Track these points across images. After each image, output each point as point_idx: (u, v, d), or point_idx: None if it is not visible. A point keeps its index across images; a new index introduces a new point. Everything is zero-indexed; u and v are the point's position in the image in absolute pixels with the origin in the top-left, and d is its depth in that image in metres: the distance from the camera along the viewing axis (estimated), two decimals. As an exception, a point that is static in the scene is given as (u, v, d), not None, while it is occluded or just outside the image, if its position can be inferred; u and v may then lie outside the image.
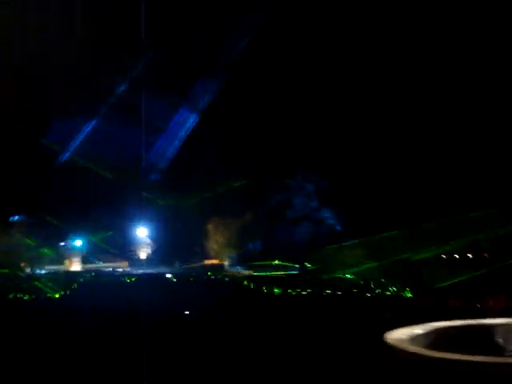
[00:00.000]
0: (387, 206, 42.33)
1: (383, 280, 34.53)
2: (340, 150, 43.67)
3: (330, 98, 42.09)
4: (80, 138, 45.52)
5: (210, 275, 43.08)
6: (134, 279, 41.83)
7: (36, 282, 40.26)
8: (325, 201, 46.27)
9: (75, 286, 40.28)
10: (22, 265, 49.45)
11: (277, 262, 44.32)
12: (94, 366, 15.31)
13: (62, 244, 55.49)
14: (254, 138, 44.30)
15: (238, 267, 47.50)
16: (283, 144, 43.92)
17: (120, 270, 52.13)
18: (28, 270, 49.78)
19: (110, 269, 52.99)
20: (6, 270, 43.60)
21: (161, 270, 48.61)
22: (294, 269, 44.06)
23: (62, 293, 36.95)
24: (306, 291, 31.96)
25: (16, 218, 49.68)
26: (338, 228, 47.20)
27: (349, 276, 37.95)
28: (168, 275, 44.32)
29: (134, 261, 55.86)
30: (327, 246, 44.22)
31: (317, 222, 46.93)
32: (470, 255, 38.76)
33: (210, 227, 51.81)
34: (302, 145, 43.73)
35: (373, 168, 42.73)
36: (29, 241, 49.23)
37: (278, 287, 34.53)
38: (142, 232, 49.59)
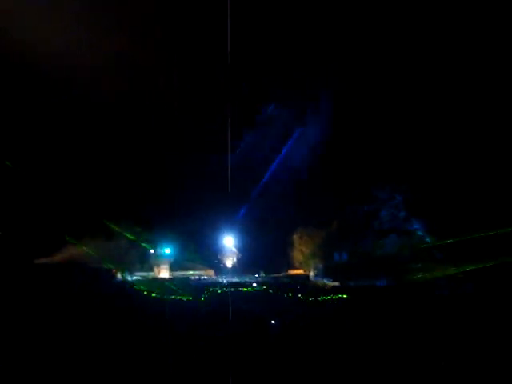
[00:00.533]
0: (480, 217, 40.77)
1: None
2: (429, 160, 42.58)
3: (422, 109, 41.23)
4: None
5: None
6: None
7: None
8: (414, 212, 45.19)
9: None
10: (114, 271, 50.93)
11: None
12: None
13: (152, 251, 57.40)
14: (342, 147, 44.09)
15: (323, 278, 47.14)
16: (371, 153, 43.37)
17: (206, 277, 53.20)
18: (119, 276, 51.43)
19: (197, 277, 54.21)
20: None
21: (246, 279, 49.20)
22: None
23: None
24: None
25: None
26: (428, 240, 45.93)
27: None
28: (254, 284, 44.76)
29: (219, 269, 56.93)
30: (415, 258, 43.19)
31: (405, 234, 45.91)
32: None
33: (295, 237, 51.97)
34: (390, 154, 42.98)
35: (466, 178, 41.28)
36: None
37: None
38: (228, 241, 50.34)
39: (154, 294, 41.91)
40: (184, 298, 40.87)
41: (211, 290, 44.75)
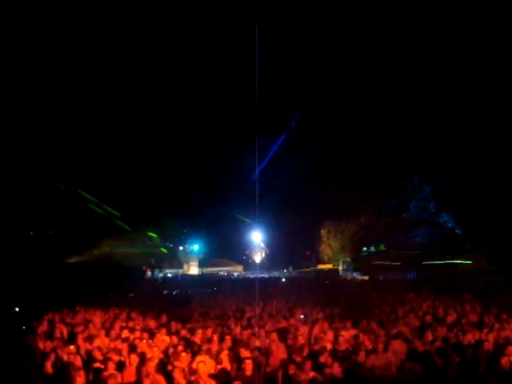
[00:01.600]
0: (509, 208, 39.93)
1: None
2: (459, 152, 41.84)
3: (450, 100, 40.59)
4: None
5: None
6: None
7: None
8: (444, 204, 44.55)
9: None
10: (144, 268, 51.32)
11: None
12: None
13: (181, 248, 57.91)
14: (372, 140, 43.72)
15: (353, 272, 46.77)
16: (401, 146, 42.85)
17: (235, 273, 53.39)
18: (149, 274, 51.88)
19: (225, 273, 54.49)
20: None
21: (275, 274, 49.11)
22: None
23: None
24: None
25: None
26: (458, 232, 45.21)
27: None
28: (283, 279, 44.62)
29: (248, 265, 57.19)
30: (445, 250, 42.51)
31: (435, 226, 45.28)
32: None
33: (323, 232, 51.86)
34: (419, 147, 42.41)
35: (494, 169, 40.45)
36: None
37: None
38: (256, 237, 50.36)
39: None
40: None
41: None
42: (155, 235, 51.21)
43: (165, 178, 49.19)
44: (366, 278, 42.71)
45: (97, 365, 9.03)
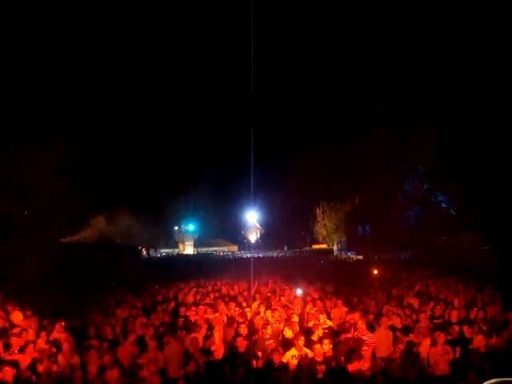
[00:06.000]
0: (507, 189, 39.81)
1: None
2: (453, 132, 41.63)
3: (445, 81, 40.33)
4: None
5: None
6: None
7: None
8: (438, 184, 44.43)
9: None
10: (139, 248, 51.27)
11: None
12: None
13: (176, 228, 58.01)
14: (366, 120, 43.50)
15: (347, 252, 46.92)
16: (394, 126, 42.63)
17: (229, 253, 53.48)
18: (144, 253, 51.88)
19: (221, 253, 54.59)
20: None
21: (269, 254, 49.19)
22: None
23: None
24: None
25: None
26: (453, 212, 45.18)
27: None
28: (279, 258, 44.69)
29: (243, 245, 57.37)
30: (440, 231, 42.48)
31: (429, 206, 45.24)
32: None
33: (318, 212, 51.79)
34: (414, 126, 42.20)
35: (491, 148, 40.27)
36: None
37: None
38: (251, 217, 50.41)
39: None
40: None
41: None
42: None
43: (161, 159, 49.22)
44: (361, 257, 42.90)
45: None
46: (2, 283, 16.18)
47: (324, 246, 52.15)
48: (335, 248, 49.93)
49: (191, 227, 57.18)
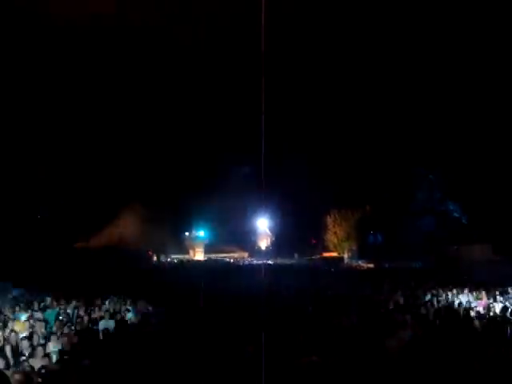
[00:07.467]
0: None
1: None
2: (464, 141, 41.52)
3: (455, 92, 40.26)
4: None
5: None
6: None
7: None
8: (450, 193, 44.30)
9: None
10: (149, 253, 51.36)
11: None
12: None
13: (186, 234, 58.08)
14: (377, 129, 43.52)
15: (358, 260, 46.77)
16: (407, 135, 42.61)
17: (240, 260, 53.45)
18: (154, 259, 51.96)
19: (231, 260, 54.54)
20: None
21: (280, 261, 49.16)
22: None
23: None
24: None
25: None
26: (464, 221, 44.98)
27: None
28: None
29: (254, 251, 57.23)
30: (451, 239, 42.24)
31: (441, 215, 45.09)
32: None
33: (329, 219, 51.68)
34: (425, 136, 42.15)
35: (504, 158, 40.12)
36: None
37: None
38: (262, 223, 50.46)
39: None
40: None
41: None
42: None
43: (172, 164, 49.42)
44: (372, 265, 42.73)
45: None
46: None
47: (335, 253, 51.97)
48: (346, 256, 49.78)
49: (202, 233, 57.23)
